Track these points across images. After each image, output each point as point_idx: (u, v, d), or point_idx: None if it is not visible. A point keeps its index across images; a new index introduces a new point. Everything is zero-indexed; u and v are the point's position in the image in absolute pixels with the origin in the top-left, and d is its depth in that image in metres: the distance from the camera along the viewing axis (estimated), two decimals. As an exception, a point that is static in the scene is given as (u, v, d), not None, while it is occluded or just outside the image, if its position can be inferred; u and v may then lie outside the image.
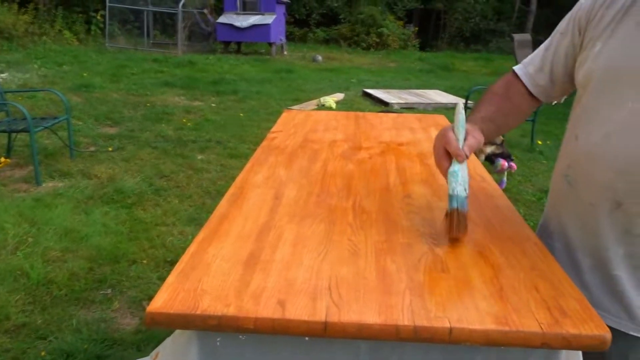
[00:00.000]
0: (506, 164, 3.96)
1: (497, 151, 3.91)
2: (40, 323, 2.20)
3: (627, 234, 0.98)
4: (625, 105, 0.94)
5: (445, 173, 1.05)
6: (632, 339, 1.01)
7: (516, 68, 1.19)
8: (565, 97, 1.19)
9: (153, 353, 0.92)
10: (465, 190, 1.04)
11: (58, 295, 2.41)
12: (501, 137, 3.95)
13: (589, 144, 1.01)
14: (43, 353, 1.99)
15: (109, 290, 2.49)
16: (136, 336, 2.13)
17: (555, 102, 1.21)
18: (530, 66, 1.16)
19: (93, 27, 12.09)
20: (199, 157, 4.64)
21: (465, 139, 1.03)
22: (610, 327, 0.95)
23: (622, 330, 1.01)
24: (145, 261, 2.77)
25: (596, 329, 0.79)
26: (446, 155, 1.04)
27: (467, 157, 1.03)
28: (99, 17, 12.01)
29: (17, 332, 2.14)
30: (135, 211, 3.42)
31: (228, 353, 0.86)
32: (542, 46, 1.16)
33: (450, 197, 1.04)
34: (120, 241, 2.97)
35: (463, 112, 1.05)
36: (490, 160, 4.04)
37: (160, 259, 2.76)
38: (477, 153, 3.83)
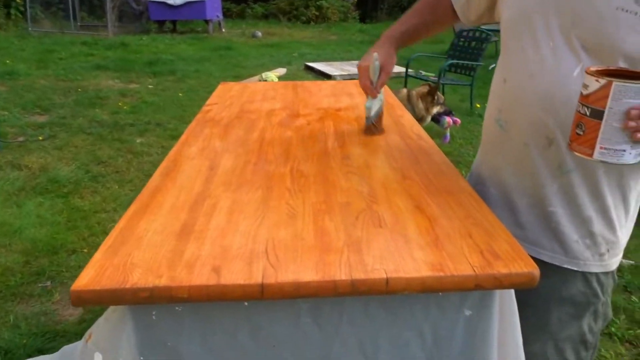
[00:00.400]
0: (451, 120, 4.17)
1: (441, 110, 4.08)
2: (-27, 322, 2.07)
3: (559, 169, 1.01)
4: (546, 44, 0.96)
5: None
6: (566, 272, 1.06)
7: None
8: (480, 23, 1.26)
9: (86, 334, 0.88)
10: (378, 106, 1.44)
11: (-8, 292, 2.27)
12: (442, 97, 4.11)
13: (516, 85, 1.03)
14: (-21, 352, 1.88)
15: (48, 283, 2.38)
16: (80, 326, 2.05)
17: (470, 26, 1.29)
18: None
19: (13, 11, 11.25)
20: (138, 140, 4.47)
21: (379, 77, 1.33)
22: (545, 263, 1.05)
23: (556, 264, 1.06)
24: (85, 250, 2.66)
25: (525, 267, 0.82)
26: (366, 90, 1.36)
27: (379, 92, 1.36)
28: (18, 0, 11.21)
29: (-51, 333, 2.01)
30: (72, 200, 3.27)
31: (166, 326, 0.83)
32: None
33: (367, 119, 1.45)
34: (57, 231, 2.83)
35: (375, 61, 1.31)
36: (435, 120, 4.18)
37: (102, 246, 2.65)
38: (424, 116, 3.95)
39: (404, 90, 4.04)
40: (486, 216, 0.98)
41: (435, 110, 4.05)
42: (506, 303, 0.91)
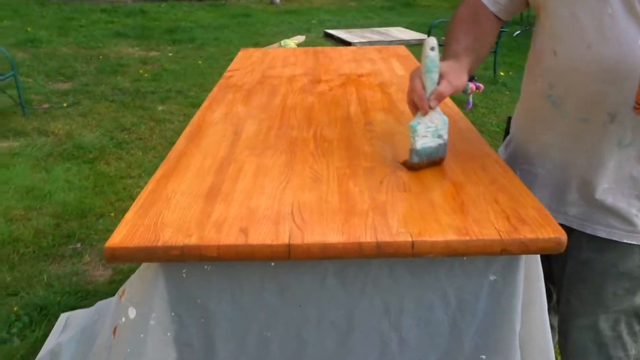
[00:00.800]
0: (474, 86, 4.10)
1: None
2: (9, 281, 2.16)
3: (619, 145, 0.96)
4: (604, 11, 0.90)
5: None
6: (625, 247, 1.02)
7: None
8: (517, 10, 1.14)
9: (120, 291, 0.91)
10: (434, 139, 0.99)
11: (25, 252, 2.36)
12: None
13: (572, 57, 0.96)
14: (15, 308, 1.97)
15: (78, 245, 2.45)
16: (110, 286, 2.12)
17: (509, 18, 1.15)
18: None
19: (33, -22, 11.26)
20: (160, 108, 4.50)
21: (438, 83, 0.95)
22: (602, 239, 1.03)
23: (615, 239, 1.02)
24: (112, 214, 2.73)
25: (552, 232, 0.82)
26: (414, 103, 0.98)
27: (431, 107, 0.96)
28: (38, -34, 11.18)
29: (-15, 291, 2.10)
30: (98, 165, 3.33)
31: (195, 284, 0.86)
32: None
33: (410, 151, 1.00)
34: (85, 196, 2.91)
35: (430, 50, 0.92)
36: None
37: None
38: None
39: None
40: (512, 182, 0.97)
41: None
42: (532, 269, 0.91)
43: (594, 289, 1.07)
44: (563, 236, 0.81)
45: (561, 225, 0.96)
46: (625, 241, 1.02)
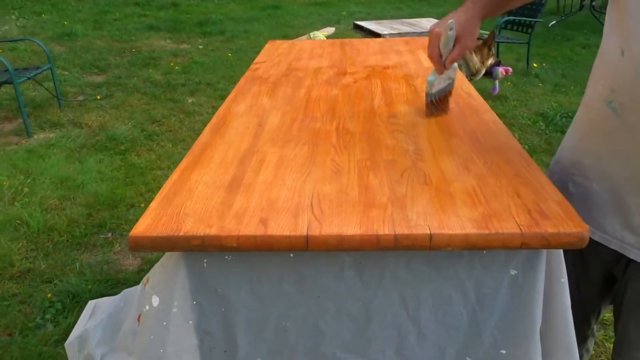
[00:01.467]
0: (504, 70, 4.01)
1: (494, 61, 3.93)
2: (44, 268, 2.24)
3: None
4: None
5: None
6: None
7: None
8: None
9: (144, 279, 0.94)
10: (444, 82, 1.22)
11: (59, 241, 2.44)
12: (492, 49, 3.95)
13: None
14: (49, 295, 2.05)
15: (109, 234, 2.52)
16: (139, 275, 2.18)
17: None
18: None
19: (70, -27, 11.54)
20: (190, 100, 4.57)
21: (452, 49, 1.10)
22: None
23: None
24: (142, 205, 2.79)
25: (575, 227, 0.80)
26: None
27: (446, 68, 1.13)
28: (75, -38, 11.44)
29: (22, 277, 2.19)
30: (129, 157, 3.41)
31: (215, 273, 0.88)
32: None
33: (427, 95, 1.24)
34: (116, 187, 2.98)
35: (451, 32, 1.08)
36: (488, 73, 4.00)
37: (157, 201, 2.78)
38: (479, 69, 3.80)
39: None
40: (535, 175, 0.96)
41: (489, 63, 3.90)
42: (554, 264, 0.89)
43: None
44: (586, 231, 0.79)
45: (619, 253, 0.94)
46: None
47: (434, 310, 0.91)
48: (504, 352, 0.92)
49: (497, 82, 4.23)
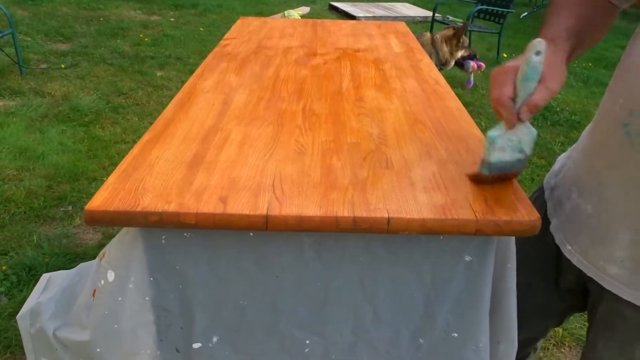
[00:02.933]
0: (476, 64, 3.98)
1: (465, 54, 3.88)
2: (-1, 240, 2.18)
3: None
4: None
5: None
6: None
7: None
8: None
9: (100, 253, 0.93)
10: (513, 152, 0.84)
11: (17, 212, 2.37)
12: (467, 40, 3.90)
13: None
14: (4, 268, 1.99)
15: (70, 207, 2.47)
16: (99, 249, 2.12)
17: (627, 8, 0.90)
18: None
19: None
20: (159, 73, 4.46)
21: (534, 90, 0.75)
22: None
23: None
24: (105, 178, 2.70)
25: (527, 215, 0.82)
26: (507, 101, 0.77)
27: (521, 120, 0.78)
28: None
29: (-24, 249, 2.12)
30: (93, 129, 3.32)
31: (174, 251, 0.87)
32: None
33: (481, 163, 0.86)
34: (78, 159, 2.91)
35: (538, 58, 0.73)
36: (459, 64, 3.98)
37: (120, 176, 2.72)
38: (448, 60, 3.77)
39: (427, 34, 3.86)
40: (494, 164, 0.98)
41: (460, 54, 3.88)
42: (504, 251, 0.92)
43: (623, 344, 0.91)
44: (537, 220, 0.82)
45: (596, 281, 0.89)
46: None
47: (391, 292, 0.93)
48: (455, 335, 0.95)
49: (471, 75, 4.22)
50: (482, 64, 4.10)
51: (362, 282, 0.92)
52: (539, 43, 0.73)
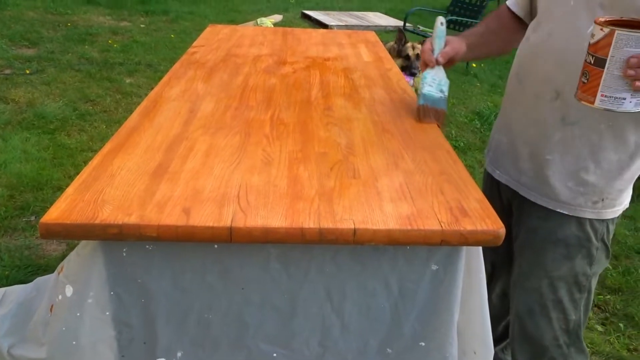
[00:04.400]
0: (406, 78, 3.62)
1: (404, 64, 3.52)
2: (-43, 252, 2.09)
3: (563, 121, 1.07)
4: (567, 2, 1.03)
5: None
6: (562, 216, 1.13)
7: None
8: None
9: (59, 267, 0.89)
10: (437, 91, 1.22)
11: (-25, 224, 2.28)
12: (415, 51, 3.66)
13: (536, 42, 1.11)
14: (-39, 281, 1.91)
15: (33, 217, 2.38)
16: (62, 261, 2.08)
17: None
18: None
19: (1, -64, 10.73)
20: (128, 80, 4.38)
21: (443, 47, 1.21)
22: (543, 207, 1.15)
23: (551, 207, 1.14)
24: (70, 188, 2.66)
25: (492, 225, 0.83)
26: (425, 62, 1.24)
27: (438, 63, 1.21)
28: None
29: None
30: (59, 137, 3.23)
31: (136, 263, 0.85)
32: None
33: (418, 96, 1.25)
34: (43, 167, 2.82)
35: (440, 25, 1.21)
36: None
37: (87, 185, 2.65)
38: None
39: (390, 43, 3.74)
40: (460, 174, 0.99)
41: (397, 63, 3.52)
42: (473, 260, 0.93)
43: (537, 254, 1.17)
44: (501, 229, 0.83)
45: (510, 189, 1.21)
46: (559, 211, 1.13)
47: (358, 303, 0.92)
48: (422, 344, 0.95)
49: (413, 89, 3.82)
50: (409, 79, 3.65)
51: (329, 293, 0.91)
52: (441, 17, 1.21)
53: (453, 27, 5.58)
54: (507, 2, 1.28)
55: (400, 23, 5.74)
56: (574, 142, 1.07)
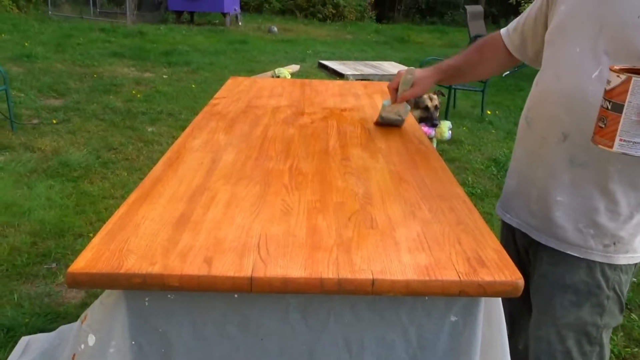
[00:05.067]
0: (426, 129, 3.62)
1: (423, 115, 3.61)
2: (-22, 299, 2.12)
3: (571, 162, 1.09)
4: (574, 49, 1.07)
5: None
6: (572, 260, 1.12)
7: (503, 28, 1.36)
8: (539, 59, 1.26)
9: (82, 316, 0.91)
10: (396, 115, 1.54)
11: (-2, 270, 2.33)
12: (433, 102, 3.76)
13: (544, 86, 1.15)
14: (-18, 328, 1.93)
15: (54, 265, 2.42)
16: (82, 309, 2.09)
17: (530, 64, 1.32)
18: (511, 26, 1.33)
19: (34, -6, 11.40)
20: (150, 129, 4.52)
21: (406, 89, 1.44)
22: (554, 250, 1.15)
23: (561, 250, 1.14)
24: (92, 234, 2.70)
25: (510, 276, 0.83)
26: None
27: (398, 101, 1.47)
28: (40, -16, 11.34)
29: (-46, 308, 2.06)
30: (82, 184, 3.32)
31: (157, 313, 0.86)
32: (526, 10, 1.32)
33: (378, 115, 1.57)
34: (65, 215, 2.88)
35: (410, 77, 1.43)
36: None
37: (107, 231, 2.69)
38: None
39: None
40: (477, 223, 0.99)
41: (416, 114, 3.52)
42: (493, 311, 0.92)
43: (546, 301, 1.17)
44: (520, 280, 0.83)
45: (525, 234, 1.22)
46: (569, 253, 1.13)
47: (377, 354, 0.91)
48: (443, 397, 0.93)
49: (446, 133, 3.95)
50: (430, 131, 3.73)
51: (347, 344, 0.91)
52: (411, 70, 1.45)
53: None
54: (501, 33, 1.34)
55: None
56: (583, 183, 1.08)
